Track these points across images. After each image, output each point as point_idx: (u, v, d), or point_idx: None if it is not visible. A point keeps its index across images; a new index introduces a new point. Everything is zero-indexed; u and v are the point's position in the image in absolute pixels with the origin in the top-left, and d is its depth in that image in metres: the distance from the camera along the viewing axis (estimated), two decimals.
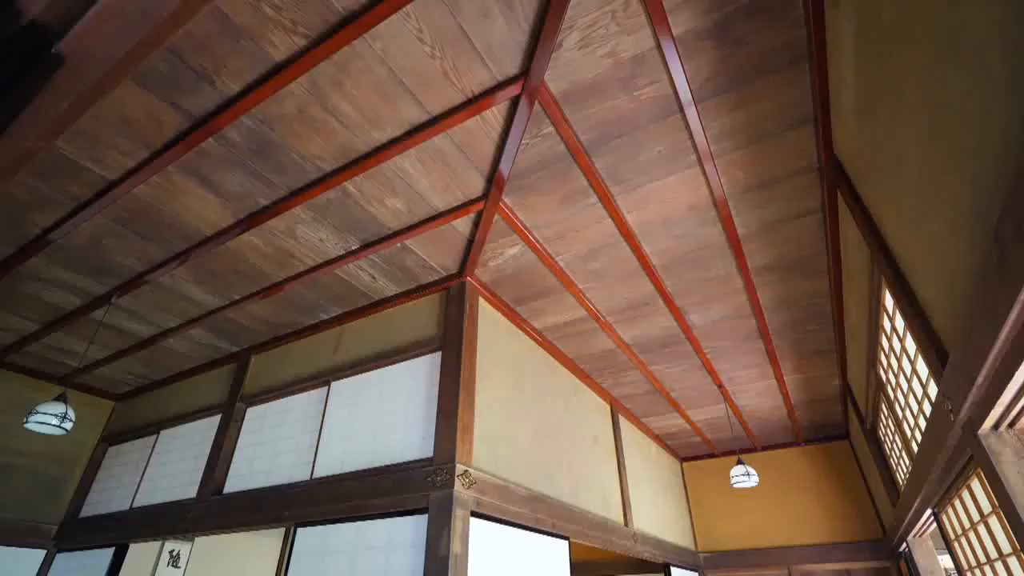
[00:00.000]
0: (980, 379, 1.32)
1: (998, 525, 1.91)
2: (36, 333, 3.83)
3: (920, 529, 3.69)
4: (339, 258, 3.07)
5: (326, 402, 3.31)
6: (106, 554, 3.88)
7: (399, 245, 2.97)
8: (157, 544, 5.93)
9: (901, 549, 4.60)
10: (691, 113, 2.23)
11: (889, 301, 2.41)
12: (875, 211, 2.09)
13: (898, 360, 2.59)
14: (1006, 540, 1.85)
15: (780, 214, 2.79)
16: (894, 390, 2.94)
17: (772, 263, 3.17)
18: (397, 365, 3.13)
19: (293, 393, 3.59)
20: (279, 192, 2.61)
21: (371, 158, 2.40)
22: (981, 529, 2.14)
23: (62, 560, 4.18)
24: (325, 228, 2.85)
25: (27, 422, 2.98)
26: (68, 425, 3.07)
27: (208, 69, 2.00)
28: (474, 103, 2.17)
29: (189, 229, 2.84)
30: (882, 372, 3.10)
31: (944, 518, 2.75)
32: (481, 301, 3.25)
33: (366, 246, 2.98)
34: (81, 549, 4.09)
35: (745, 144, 2.39)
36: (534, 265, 3.16)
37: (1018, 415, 1.43)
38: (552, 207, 2.77)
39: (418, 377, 2.98)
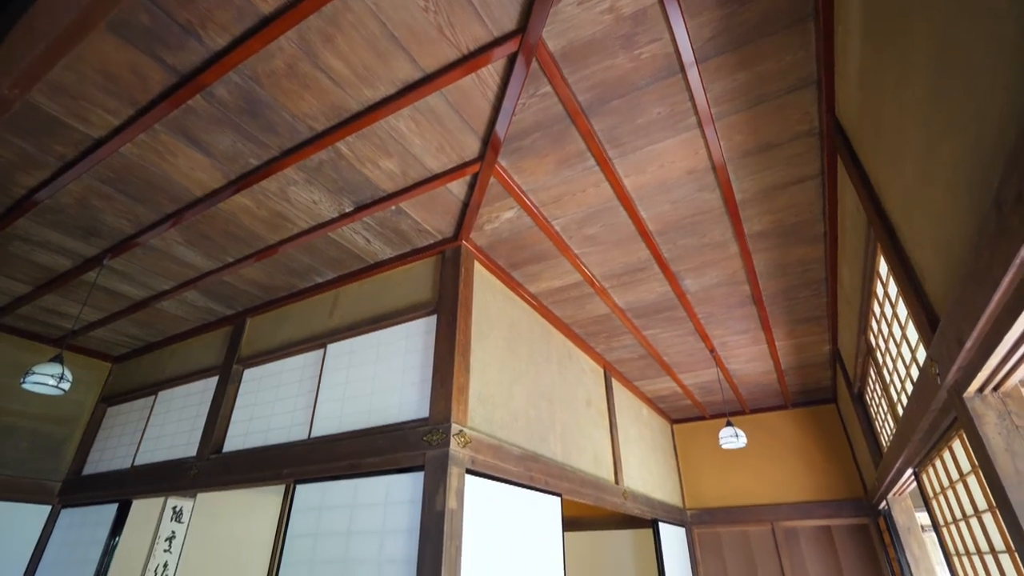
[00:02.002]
0: (969, 343, 1.34)
1: (976, 484, 1.97)
2: (28, 295, 3.80)
3: (900, 488, 3.83)
4: (333, 221, 3.04)
5: (322, 364, 3.34)
6: (110, 510, 3.98)
7: (393, 208, 2.93)
8: (160, 500, 6.08)
9: (881, 507, 4.78)
10: (692, 74, 2.17)
11: (883, 267, 2.42)
12: (875, 176, 2.07)
13: (889, 326, 2.62)
14: (982, 497, 1.92)
15: (779, 179, 2.77)
16: (883, 355, 2.99)
17: (768, 229, 3.16)
18: (393, 328, 3.15)
19: (289, 355, 3.61)
20: (270, 152, 2.56)
21: (364, 117, 2.34)
22: (959, 487, 2.22)
23: (67, 515, 4.28)
24: (318, 190, 2.81)
25: (24, 382, 3.00)
26: (65, 386, 3.09)
27: (194, 22, 1.92)
28: (469, 60, 2.11)
29: (179, 190, 2.79)
30: (872, 338, 3.14)
31: (924, 477, 2.85)
32: (476, 265, 3.25)
33: (360, 208, 2.95)
34: (85, 505, 4.19)
35: (746, 107, 2.35)
36: (530, 229, 3.14)
37: (1004, 378, 1.46)
38: (549, 170, 2.73)
39: (414, 340, 3.00)
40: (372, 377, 3.05)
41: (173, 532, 6.08)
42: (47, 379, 3.02)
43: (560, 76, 2.20)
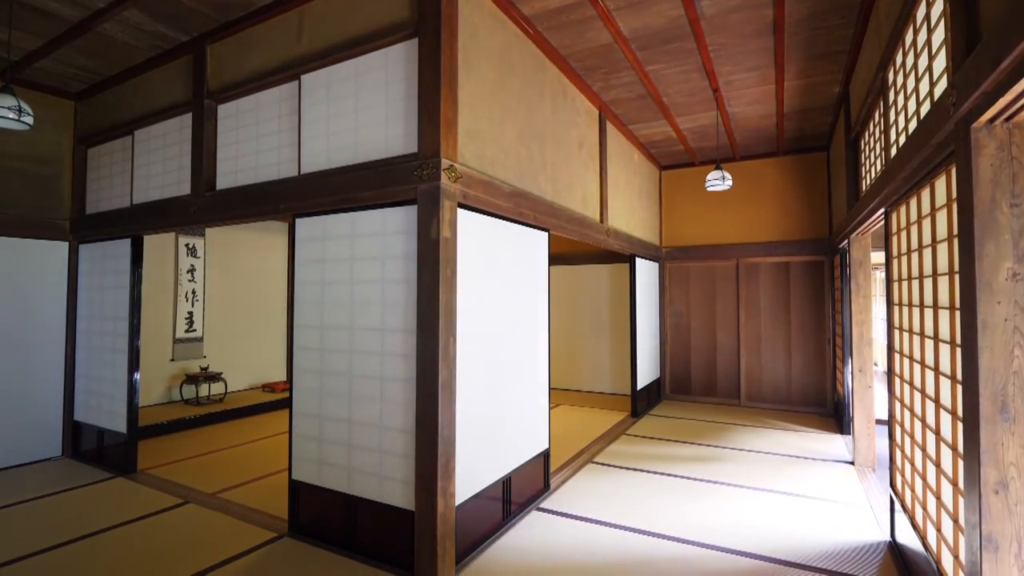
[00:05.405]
0: (1007, 61, 1.22)
1: (943, 218, 2.08)
2: None
3: (866, 227, 4.09)
4: None
5: (299, 98, 3.11)
6: (124, 244, 4.22)
7: None
8: (171, 236, 6.46)
9: (841, 245, 5.20)
10: None
11: None
12: None
13: (916, 56, 2.40)
14: (945, 230, 2.05)
15: None
16: (897, 92, 2.82)
17: None
18: (370, 55, 2.84)
19: (262, 88, 3.34)
20: None
21: None
22: (925, 223, 2.35)
23: (86, 250, 4.56)
24: None
25: None
26: (28, 119, 2.92)
27: None
28: None
29: None
30: (892, 74, 2.92)
31: (893, 216, 3.00)
32: None
33: None
34: (100, 240, 4.42)
35: None
36: None
37: (1022, 107, 1.39)
38: None
39: (395, 69, 2.74)
40: (354, 111, 2.88)
41: (192, 265, 6.64)
42: (5, 111, 2.83)
43: None
